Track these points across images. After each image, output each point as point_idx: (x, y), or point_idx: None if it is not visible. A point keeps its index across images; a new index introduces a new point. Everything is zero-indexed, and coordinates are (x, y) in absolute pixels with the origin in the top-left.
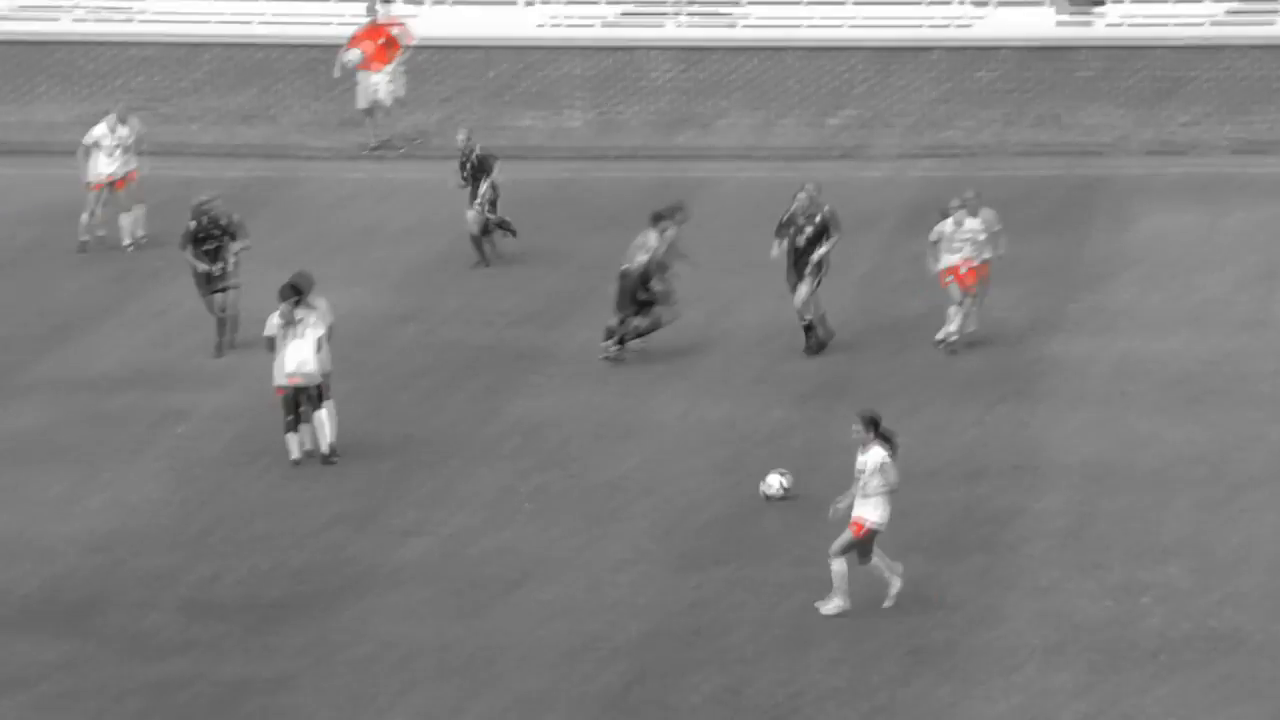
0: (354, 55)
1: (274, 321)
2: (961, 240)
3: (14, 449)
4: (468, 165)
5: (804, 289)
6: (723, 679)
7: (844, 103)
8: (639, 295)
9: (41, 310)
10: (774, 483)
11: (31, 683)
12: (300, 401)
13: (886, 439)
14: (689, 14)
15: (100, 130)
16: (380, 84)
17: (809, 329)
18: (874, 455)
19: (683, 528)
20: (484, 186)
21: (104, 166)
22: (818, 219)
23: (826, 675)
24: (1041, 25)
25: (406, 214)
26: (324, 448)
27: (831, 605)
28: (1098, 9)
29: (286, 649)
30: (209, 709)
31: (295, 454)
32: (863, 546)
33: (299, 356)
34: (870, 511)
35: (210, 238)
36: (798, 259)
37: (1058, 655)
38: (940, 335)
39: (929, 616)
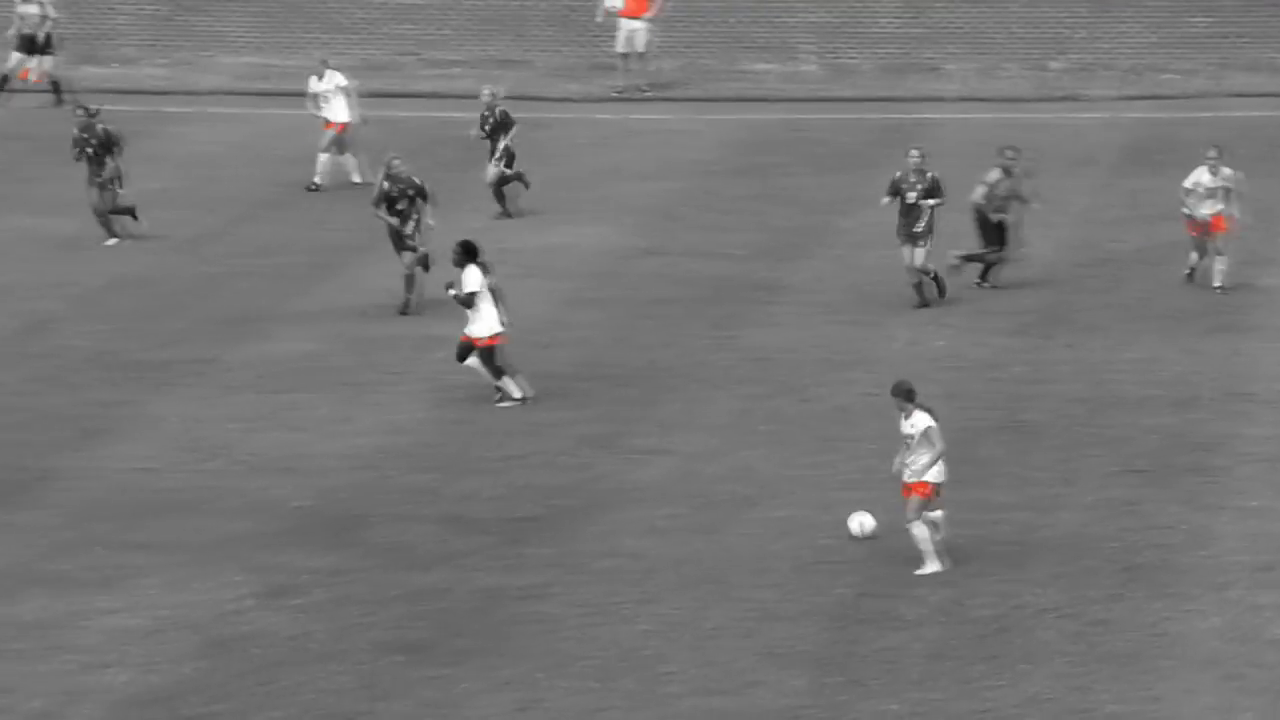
0: (617, 1)
1: (478, 279)
2: (1216, 188)
3: (286, 373)
4: (490, 121)
5: (920, 252)
6: (945, 593)
7: (1063, 49)
8: (990, 226)
9: (308, 245)
10: (859, 525)
11: (303, 590)
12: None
13: (926, 407)
14: None
15: (313, 81)
16: (640, 30)
17: (932, 280)
18: (919, 420)
19: None
20: (502, 143)
21: (332, 114)
22: (927, 176)
23: (1043, 591)
24: None
25: (647, 155)
26: (530, 390)
27: (927, 568)
28: None
29: (537, 561)
30: (465, 616)
31: (530, 391)
32: (928, 505)
33: (504, 314)
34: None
35: (403, 197)
36: (906, 214)
37: (1266, 574)
38: (1218, 283)
39: (1142, 536)
